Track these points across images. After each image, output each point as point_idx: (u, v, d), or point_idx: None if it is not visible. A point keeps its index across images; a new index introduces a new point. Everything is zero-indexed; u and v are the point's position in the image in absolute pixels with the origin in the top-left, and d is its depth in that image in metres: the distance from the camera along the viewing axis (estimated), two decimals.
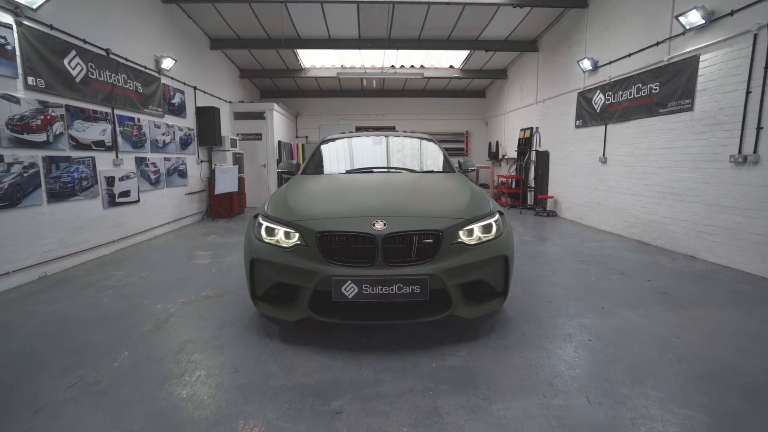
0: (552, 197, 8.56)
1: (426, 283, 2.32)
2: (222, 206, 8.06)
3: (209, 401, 2.00)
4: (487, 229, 2.62)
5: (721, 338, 2.65)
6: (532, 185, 9.45)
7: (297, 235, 2.49)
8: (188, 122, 7.54)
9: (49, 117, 4.16)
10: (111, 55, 5.20)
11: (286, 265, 2.44)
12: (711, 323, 2.91)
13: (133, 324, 2.94)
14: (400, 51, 9.49)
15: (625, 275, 4.10)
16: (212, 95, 8.70)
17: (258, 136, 10.21)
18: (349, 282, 2.31)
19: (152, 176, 6.25)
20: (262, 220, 2.69)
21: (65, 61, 4.40)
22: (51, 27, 4.20)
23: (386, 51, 9.44)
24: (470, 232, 2.55)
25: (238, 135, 9.77)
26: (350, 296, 2.31)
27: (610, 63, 6.42)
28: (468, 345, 2.57)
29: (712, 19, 4.46)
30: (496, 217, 2.72)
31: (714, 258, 4.53)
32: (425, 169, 4.01)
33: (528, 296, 3.47)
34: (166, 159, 6.67)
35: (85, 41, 4.70)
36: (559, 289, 3.68)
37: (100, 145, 4.99)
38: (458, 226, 2.51)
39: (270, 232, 2.60)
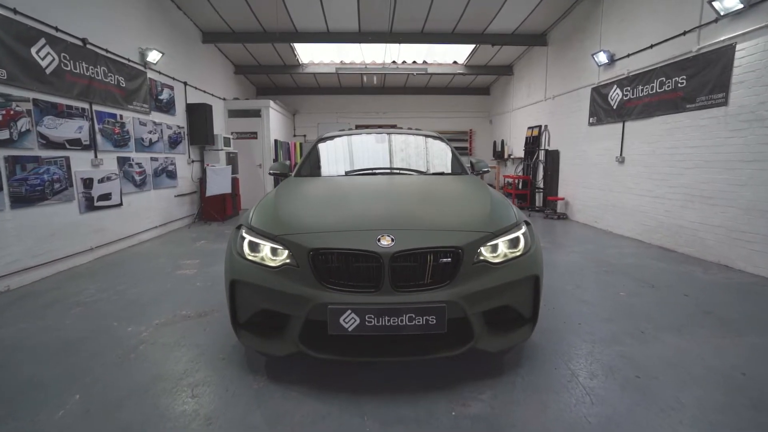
0: (563, 199, 8.12)
1: (443, 312, 1.89)
2: (214, 209, 7.62)
3: None
4: (513, 243, 2.18)
5: None
6: (541, 186, 9.01)
7: (286, 252, 2.05)
8: (178, 120, 7.09)
9: (12, 112, 3.72)
10: (89, 46, 4.75)
11: (272, 289, 1.99)
12: None
13: (96, 353, 2.50)
14: (402, 45, 9.03)
15: (657, 288, 3.67)
16: (204, 91, 8.25)
17: (253, 135, 9.75)
18: (349, 311, 1.87)
19: (137, 177, 5.81)
20: (245, 233, 2.24)
21: (33, 51, 3.95)
22: (15, 11, 3.74)
23: (388, 45, 8.99)
24: (494, 248, 2.11)
25: (232, 133, 9.32)
26: (350, 329, 1.87)
27: (628, 56, 5.97)
28: (492, 383, 2.13)
29: (751, 4, 4.01)
30: (523, 228, 2.27)
31: (753, 268, 4.09)
32: (434, 171, 3.57)
33: (554, 317, 3.03)
34: (153, 159, 6.23)
35: (57, 29, 4.25)
36: (587, 306, 3.24)
37: (75, 143, 4.54)
38: (481, 241, 2.06)
39: (254, 247, 2.15)
